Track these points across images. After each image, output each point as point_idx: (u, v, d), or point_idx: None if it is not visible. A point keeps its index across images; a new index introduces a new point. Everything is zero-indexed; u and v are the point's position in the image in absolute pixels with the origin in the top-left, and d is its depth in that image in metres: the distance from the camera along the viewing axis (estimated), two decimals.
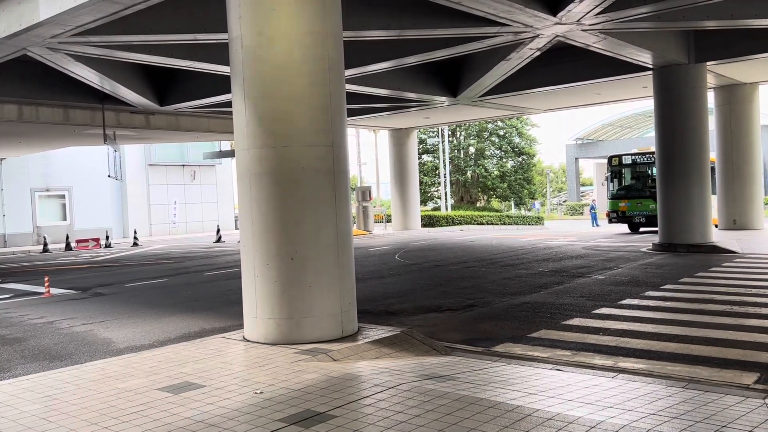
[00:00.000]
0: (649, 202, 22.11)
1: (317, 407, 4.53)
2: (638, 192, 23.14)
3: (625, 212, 23.24)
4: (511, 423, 4.10)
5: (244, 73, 6.68)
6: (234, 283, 12.95)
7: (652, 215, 21.24)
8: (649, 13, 11.36)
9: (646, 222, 22.64)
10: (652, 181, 21.84)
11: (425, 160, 45.05)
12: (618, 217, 23.46)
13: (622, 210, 23.27)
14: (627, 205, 23.16)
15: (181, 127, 21.92)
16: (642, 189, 23.10)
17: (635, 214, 22.98)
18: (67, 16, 9.80)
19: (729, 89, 20.68)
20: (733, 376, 5.51)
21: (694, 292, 9.83)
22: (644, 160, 23.35)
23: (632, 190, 23.43)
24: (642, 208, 22.77)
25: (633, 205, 23.01)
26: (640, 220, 22.89)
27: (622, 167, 23.96)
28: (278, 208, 6.58)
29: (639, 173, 23.61)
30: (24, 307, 11.17)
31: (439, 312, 9.15)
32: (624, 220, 23.36)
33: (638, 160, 23.61)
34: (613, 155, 24.76)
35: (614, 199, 23.68)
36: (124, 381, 5.46)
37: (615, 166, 24.12)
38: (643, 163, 23.43)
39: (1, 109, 17.47)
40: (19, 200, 29.34)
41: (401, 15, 11.51)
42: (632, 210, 23.04)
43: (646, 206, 22.51)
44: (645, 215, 22.63)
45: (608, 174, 24.29)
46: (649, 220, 22.11)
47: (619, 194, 23.61)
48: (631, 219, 23.10)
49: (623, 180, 23.89)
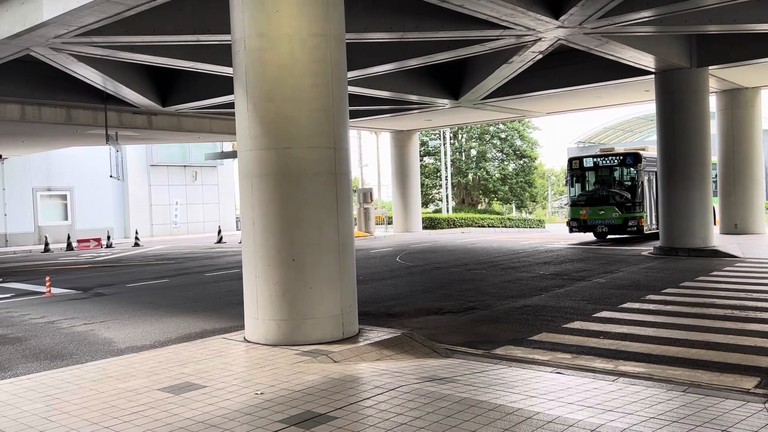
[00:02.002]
0: (612, 210, 20.33)
1: (318, 408, 4.53)
2: (601, 198, 20.82)
3: (586, 221, 20.90)
4: (511, 426, 4.10)
5: (247, 74, 6.69)
6: (235, 284, 12.96)
7: (616, 224, 20.19)
8: (652, 17, 11.37)
9: (609, 231, 20.65)
10: (618, 185, 20.72)
11: (427, 162, 45.05)
12: (579, 226, 21.16)
13: (583, 218, 20.95)
14: (588, 213, 20.84)
15: (184, 127, 21.94)
16: (605, 195, 20.79)
17: (597, 223, 20.69)
18: (71, 17, 9.82)
19: (731, 93, 20.69)
20: (733, 380, 5.51)
21: (695, 296, 9.82)
22: (607, 162, 21.05)
23: (594, 196, 21.03)
24: (605, 216, 20.49)
25: (594, 213, 20.71)
26: (602, 229, 20.69)
27: (583, 170, 21.53)
28: (280, 210, 6.59)
29: (602, 177, 21.16)
30: (25, 307, 11.18)
31: (439, 314, 9.16)
32: (586, 228, 21.09)
33: (601, 162, 21.18)
34: (573, 157, 22.51)
35: (574, 206, 21.35)
36: (125, 381, 5.47)
37: (575, 169, 21.67)
38: (606, 166, 21.07)
39: (4, 108, 17.49)
40: (21, 200, 29.37)
41: (404, 17, 11.52)
42: (594, 218, 20.72)
43: (609, 214, 20.41)
44: (608, 224, 20.45)
45: (569, 177, 21.96)
46: (613, 230, 20.46)
47: (580, 201, 21.30)
48: (594, 228, 20.89)
49: (586, 184, 21.53)
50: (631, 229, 20.05)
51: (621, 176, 20.80)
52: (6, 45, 11.35)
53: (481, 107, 21.73)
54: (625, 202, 20.25)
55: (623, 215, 20.15)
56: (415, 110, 21.99)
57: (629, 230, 20.10)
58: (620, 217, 20.17)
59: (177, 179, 35.49)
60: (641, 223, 19.95)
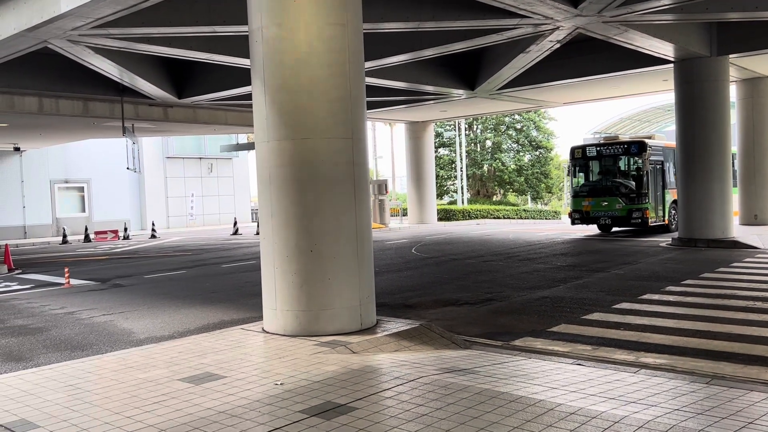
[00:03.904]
0: (615, 201, 19.51)
1: (338, 399, 4.52)
2: (604, 189, 19.97)
3: (588, 212, 20.02)
4: (533, 417, 4.07)
5: (264, 65, 6.67)
6: (252, 276, 13.00)
7: (620, 216, 19.40)
8: (672, 4, 11.20)
9: (613, 223, 19.87)
10: (622, 175, 19.91)
11: (441, 153, 44.87)
12: (581, 218, 20.28)
13: (585, 210, 20.07)
14: (590, 204, 19.95)
15: (199, 119, 22.00)
16: (608, 185, 19.96)
17: (600, 215, 19.80)
18: (88, 9, 9.84)
19: (752, 83, 20.38)
20: (758, 372, 5.43)
21: (715, 288, 9.71)
22: (611, 151, 20.09)
23: (597, 186, 20.20)
24: (608, 207, 19.61)
25: (597, 204, 19.81)
26: (605, 221, 19.81)
27: (586, 160, 20.61)
28: (298, 201, 6.58)
29: (605, 167, 20.30)
30: (45, 298, 11.29)
31: (457, 306, 9.12)
32: (588, 221, 20.21)
33: (604, 151, 20.23)
34: (575, 146, 21.40)
35: (576, 197, 20.50)
36: (145, 371, 5.49)
37: (578, 159, 20.75)
38: (609, 156, 20.14)
39: (22, 101, 17.63)
40: (39, 192, 29.65)
41: (421, 7, 11.44)
42: (596, 210, 19.83)
43: (612, 205, 19.57)
44: (611, 216, 19.61)
45: (571, 167, 21.01)
46: (616, 221, 19.66)
47: (583, 191, 20.40)
48: (596, 220, 20.01)
49: (590, 174, 20.67)
50: (635, 221, 19.17)
51: (625, 166, 19.97)
52: (24, 38, 11.41)
53: (497, 98, 21.57)
54: (629, 192, 19.42)
55: (627, 206, 19.32)
56: (431, 101, 21.88)
57: (633, 222, 19.23)
58: (624, 208, 19.34)
59: (192, 171, 35.64)
60: (646, 214, 19.07)
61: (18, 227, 28.92)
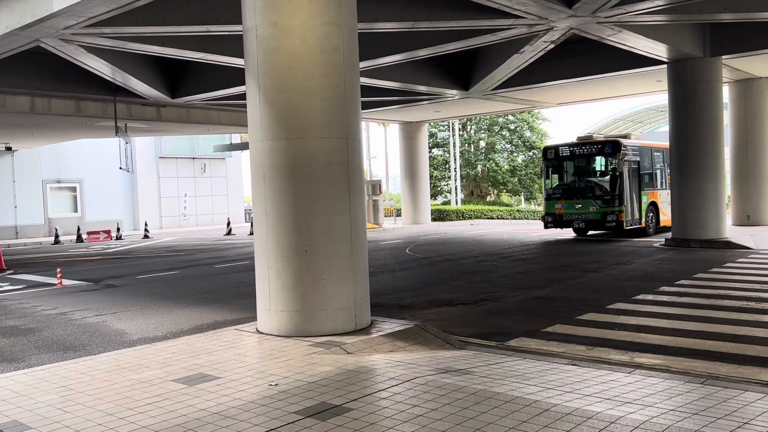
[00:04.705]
0: (589, 203, 18.67)
1: (333, 400, 4.50)
2: (577, 191, 19.10)
3: (562, 215, 19.19)
4: (529, 418, 4.05)
5: (258, 64, 6.64)
6: (245, 276, 12.96)
7: (594, 219, 18.58)
8: (666, 5, 11.23)
9: (587, 227, 19.13)
10: (596, 176, 19.09)
11: (435, 153, 44.90)
12: (554, 221, 19.43)
13: (558, 213, 19.24)
14: (564, 207, 19.13)
15: (193, 119, 21.93)
16: (582, 187, 19.10)
17: (574, 218, 18.96)
18: (81, 7, 9.78)
19: (744, 84, 20.47)
20: (752, 372, 5.44)
21: (709, 288, 9.74)
22: (585, 151, 19.19)
23: (571, 188, 19.35)
24: (582, 210, 18.76)
25: (571, 207, 18.97)
26: (579, 225, 19.04)
27: (559, 160, 19.67)
28: (292, 201, 6.55)
29: (579, 168, 19.41)
30: (37, 298, 11.21)
31: (451, 306, 9.11)
32: (561, 224, 19.35)
33: (577, 151, 19.30)
34: (548, 146, 20.69)
35: (549, 200, 19.68)
36: (139, 372, 5.45)
37: (551, 159, 19.84)
38: (583, 156, 19.25)
39: (14, 100, 17.52)
40: (31, 192, 29.49)
41: (415, 6, 11.43)
42: (570, 213, 19.00)
43: (586, 208, 18.70)
44: (585, 219, 18.78)
45: (543, 168, 20.22)
46: (590, 225, 18.88)
47: (555, 194, 19.56)
48: (570, 223, 19.17)
49: (564, 176, 19.74)
50: (609, 225, 18.35)
51: (599, 167, 19.19)
52: (16, 36, 11.33)
53: (491, 98, 21.59)
54: (603, 195, 18.55)
55: (601, 209, 18.45)
56: (425, 101, 21.87)
57: (608, 226, 18.42)
58: (598, 211, 18.49)
59: (186, 171, 35.54)
60: (621, 217, 18.16)
61: (10, 227, 28.75)
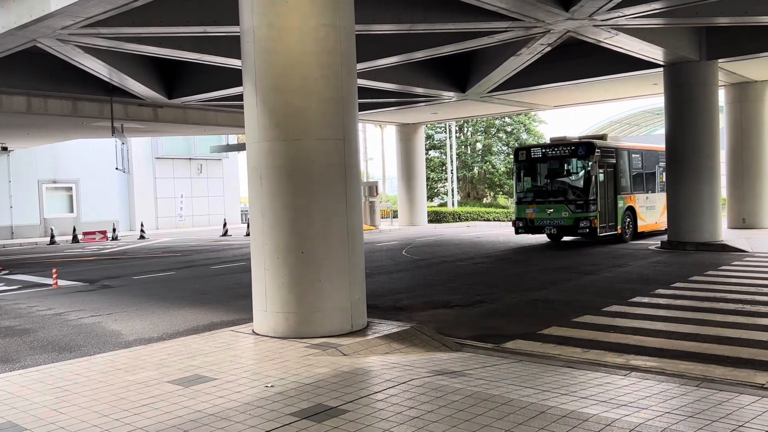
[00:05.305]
0: (561, 208, 17.66)
1: (329, 401, 4.50)
2: (549, 195, 18.14)
3: (533, 221, 18.20)
4: (525, 420, 4.06)
5: (256, 65, 6.64)
6: (241, 277, 12.95)
7: (566, 225, 17.59)
8: (663, 9, 11.27)
9: (559, 233, 18.08)
10: (569, 180, 17.99)
11: (432, 155, 44.91)
12: (525, 227, 18.44)
13: (530, 218, 18.25)
14: (535, 212, 18.16)
15: (189, 120, 21.90)
16: (554, 191, 18.13)
17: (545, 224, 17.95)
18: (78, 8, 9.77)
19: (740, 87, 20.53)
20: (746, 375, 5.46)
21: (705, 291, 9.76)
22: (558, 153, 18.12)
23: (542, 192, 18.34)
24: (554, 215, 17.76)
25: (542, 212, 17.99)
26: (551, 230, 17.98)
27: (530, 162, 18.61)
28: (289, 202, 6.55)
29: (551, 171, 18.33)
30: (32, 299, 11.18)
31: (447, 308, 9.11)
32: (533, 230, 18.39)
33: (550, 153, 18.27)
34: (519, 147, 19.56)
35: (520, 204, 18.71)
36: (134, 373, 5.44)
37: (522, 161, 18.80)
38: (555, 158, 18.16)
39: (10, 100, 17.48)
40: (27, 192, 29.41)
41: (412, 8, 11.44)
42: (541, 218, 18.01)
43: (558, 213, 17.71)
44: (556, 225, 17.76)
45: (515, 171, 19.22)
46: (562, 231, 17.88)
47: (527, 198, 18.57)
48: (541, 229, 18.18)
49: (538, 178, 18.60)
50: (582, 231, 17.35)
51: (572, 169, 18.01)
52: (13, 36, 11.31)
53: (488, 100, 21.62)
54: (576, 199, 17.53)
55: (574, 215, 17.43)
56: (421, 103, 21.89)
57: (581, 232, 17.43)
58: (570, 217, 17.50)
59: (182, 172, 35.49)
60: (594, 223, 17.16)
61: (5, 227, 28.67)
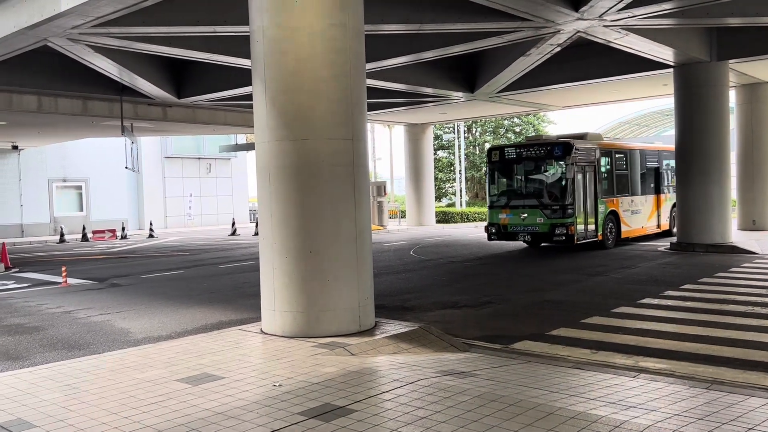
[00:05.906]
0: (536, 214, 16.31)
1: (337, 401, 4.50)
2: (524, 198, 16.81)
3: (506, 226, 16.85)
4: (533, 421, 4.05)
5: (265, 65, 6.65)
6: (250, 276, 12.98)
7: (542, 232, 16.26)
8: (673, 9, 11.21)
9: (533, 240, 16.71)
10: (544, 183, 16.60)
11: (440, 156, 44.87)
12: (498, 233, 17.06)
13: (503, 223, 16.90)
14: (508, 218, 16.82)
15: (198, 119, 21.97)
16: (528, 194, 16.81)
17: (519, 230, 16.59)
18: (88, 7, 9.81)
19: (751, 88, 20.38)
20: (757, 377, 5.42)
21: (715, 293, 9.70)
22: (533, 153, 16.72)
23: (516, 195, 17.03)
24: (528, 221, 16.39)
25: (516, 217, 16.64)
26: (525, 237, 16.60)
27: (504, 163, 17.24)
28: (298, 202, 6.56)
29: (526, 173, 16.96)
30: (42, 297, 11.25)
31: (455, 308, 9.10)
32: (506, 236, 17.03)
33: (525, 153, 16.85)
34: (493, 146, 18.32)
35: (493, 209, 17.30)
36: (143, 371, 5.46)
37: (495, 162, 17.39)
38: (530, 158, 16.73)
39: (21, 99, 17.59)
40: (37, 191, 29.59)
41: (421, 8, 11.43)
42: (515, 224, 16.66)
43: (532, 219, 16.35)
44: (531, 232, 16.40)
45: (488, 172, 17.80)
46: (537, 238, 16.56)
47: (499, 202, 17.19)
48: (515, 236, 16.82)
49: (513, 181, 17.32)
50: (558, 238, 16.03)
51: (548, 171, 16.62)
52: (24, 36, 11.38)
53: (497, 100, 21.57)
54: (552, 204, 16.21)
55: (549, 221, 16.10)
56: (430, 103, 21.87)
57: (557, 239, 16.10)
58: (546, 223, 16.15)
59: (191, 171, 35.59)
60: (571, 230, 15.85)
61: (15, 226, 28.85)
